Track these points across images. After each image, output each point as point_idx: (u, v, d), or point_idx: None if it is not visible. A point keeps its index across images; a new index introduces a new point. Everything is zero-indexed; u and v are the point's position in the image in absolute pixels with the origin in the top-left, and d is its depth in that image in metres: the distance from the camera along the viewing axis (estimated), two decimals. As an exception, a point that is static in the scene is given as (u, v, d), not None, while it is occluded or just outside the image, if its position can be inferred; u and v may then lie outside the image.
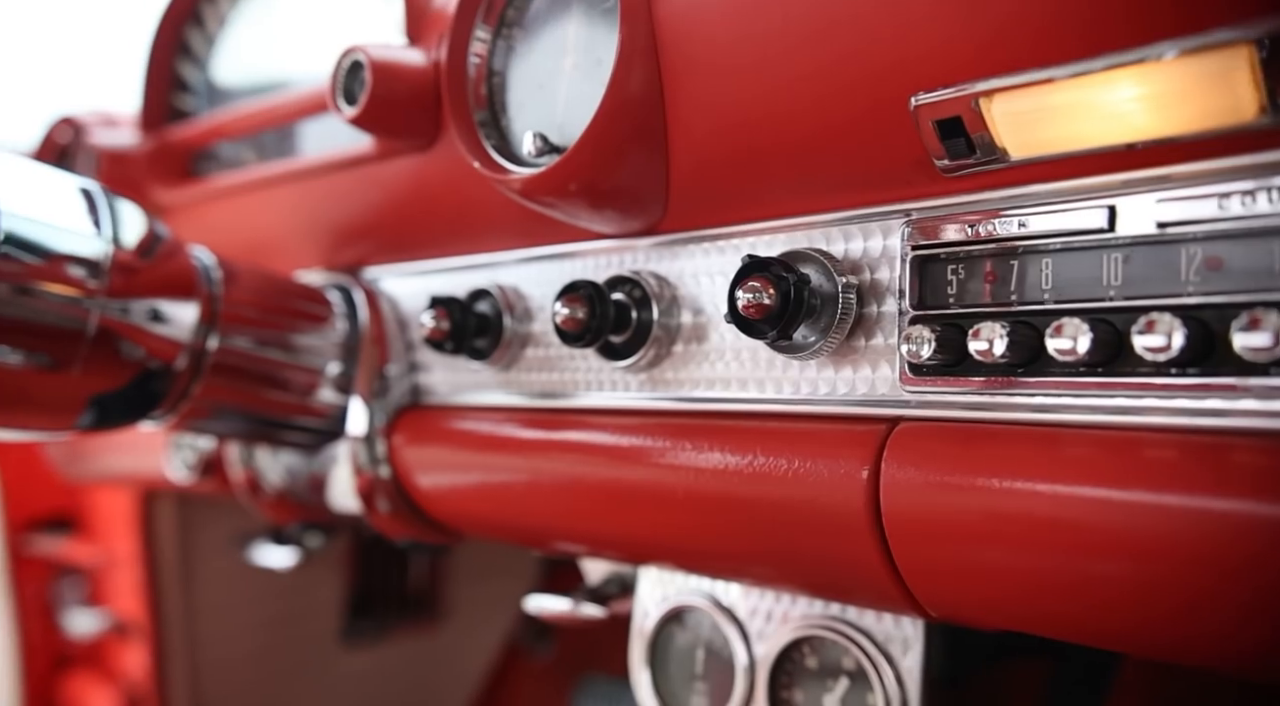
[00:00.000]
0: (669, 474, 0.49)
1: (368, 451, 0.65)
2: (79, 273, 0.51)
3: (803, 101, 0.41)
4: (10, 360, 0.50)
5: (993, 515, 0.37)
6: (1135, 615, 0.36)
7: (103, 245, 0.53)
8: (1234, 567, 0.32)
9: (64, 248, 0.51)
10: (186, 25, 0.75)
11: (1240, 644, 0.33)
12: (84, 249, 0.52)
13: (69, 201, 0.53)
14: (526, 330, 0.58)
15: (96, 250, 0.52)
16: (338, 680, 1.29)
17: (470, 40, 0.52)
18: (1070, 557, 0.36)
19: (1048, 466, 0.36)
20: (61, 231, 0.51)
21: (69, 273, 0.51)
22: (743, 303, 0.41)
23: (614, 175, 0.47)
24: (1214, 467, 0.32)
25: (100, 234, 0.53)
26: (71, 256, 0.51)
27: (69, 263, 0.51)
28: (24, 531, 1.23)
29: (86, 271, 0.52)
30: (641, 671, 0.59)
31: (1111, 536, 0.35)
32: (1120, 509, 0.35)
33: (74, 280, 0.51)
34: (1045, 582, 0.37)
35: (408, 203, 0.61)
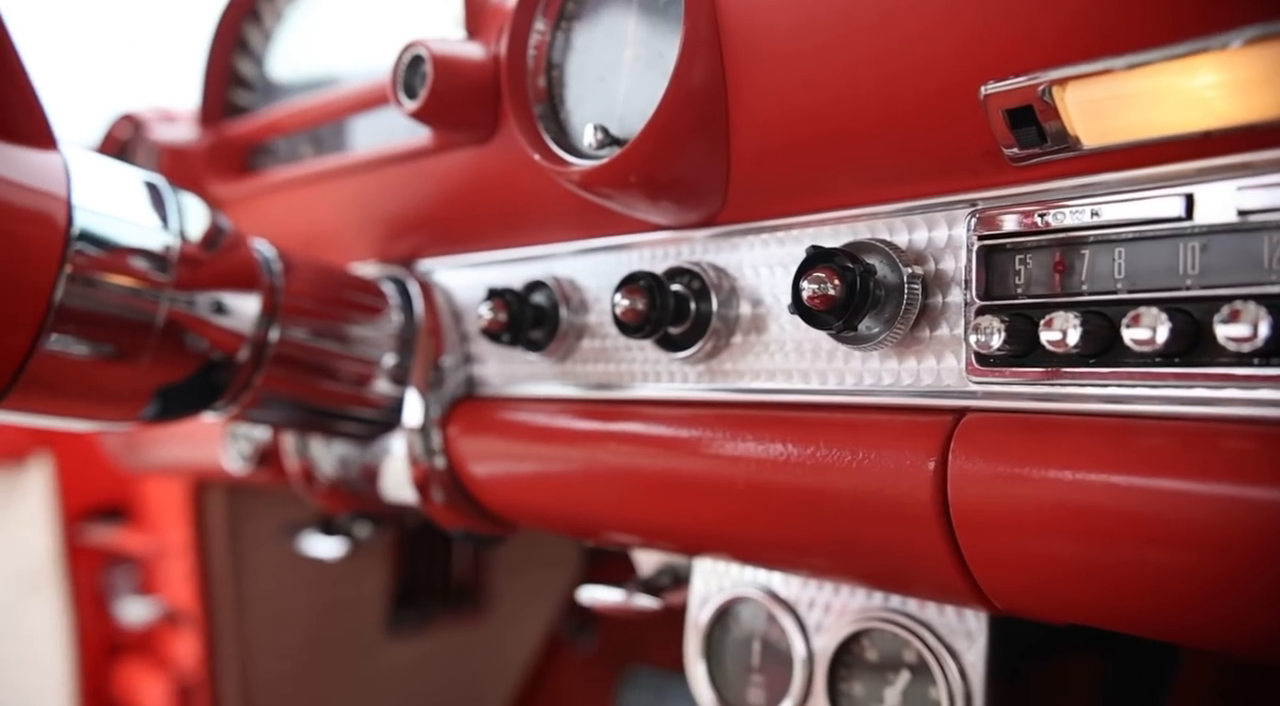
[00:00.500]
0: (729, 465, 0.49)
1: (423, 442, 0.65)
2: (150, 266, 0.52)
3: (868, 91, 0.41)
4: (83, 351, 0.51)
5: (1064, 507, 0.37)
6: (1212, 610, 0.35)
7: (170, 238, 0.54)
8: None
9: (135, 241, 0.52)
10: (245, 22, 0.76)
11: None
12: (153, 242, 0.53)
13: (137, 195, 0.54)
14: (582, 321, 0.59)
15: (165, 243, 0.54)
16: (383, 669, 1.31)
17: (530, 34, 0.53)
18: (1143, 551, 0.36)
19: (1121, 457, 0.36)
20: (132, 225, 0.52)
21: (141, 266, 0.52)
22: (807, 293, 0.41)
23: (674, 167, 0.48)
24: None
25: (168, 227, 0.54)
26: (142, 250, 0.52)
27: (140, 256, 0.52)
28: (78, 521, 1.26)
29: (156, 265, 0.53)
30: (697, 663, 0.60)
31: (1188, 529, 0.34)
32: (1197, 501, 0.34)
33: (145, 274, 0.52)
34: (1117, 576, 0.37)
35: (464, 195, 0.62)
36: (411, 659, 1.34)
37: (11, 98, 0.47)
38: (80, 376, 0.52)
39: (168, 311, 0.53)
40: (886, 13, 0.40)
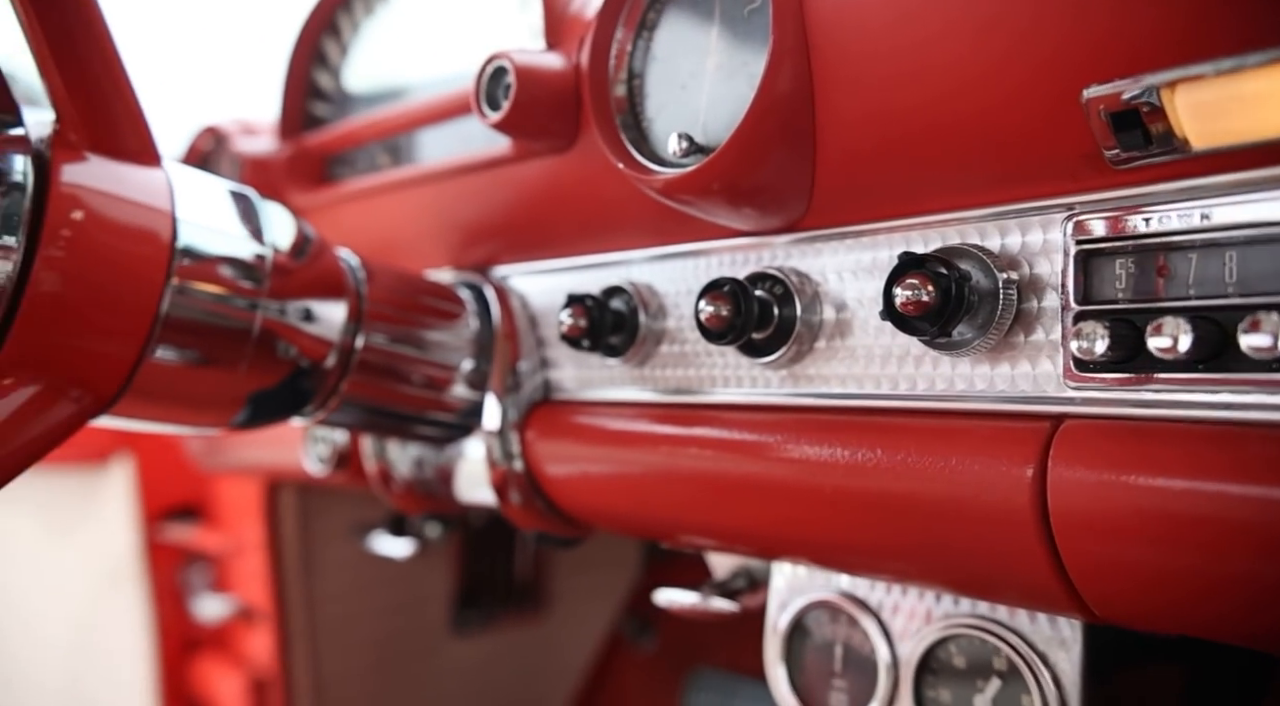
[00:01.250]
0: (814, 470, 0.49)
1: (501, 445, 0.66)
2: (246, 276, 0.54)
3: (961, 96, 0.41)
4: (185, 360, 0.53)
5: (1174, 516, 0.36)
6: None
7: (264, 249, 0.56)
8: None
9: (232, 252, 0.54)
10: (324, 36, 0.78)
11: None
12: (248, 253, 0.55)
13: (231, 207, 0.56)
14: (661, 327, 0.59)
15: (259, 254, 0.55)
16: (449, 667, 1.33)
17: (611, 44, 0.53)
18: (1256, 562, 0.35)
19: (1234, 466, 0.35)
20: (229, 237, 0.54)
21: (238, 277, 0.54)
22: (900, 300, 0.41)
23: (758, 174, 0.48)
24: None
25: (260, 238, 0.56)
26: (239, 261, 0.54)
27: (237, 267, 0.54)
28: (157, 520, 1.31)
29: (252, 275, 0.55)
30: (777, 667, 0.60)
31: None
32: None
33: (242, 284, 0.54)
34: (1227, 587, 0.36)
35: (542, 202, 0.63)
36: (476, 657, 1.36)
37: (120, 117, 0.49)
38: (181, 384, 0.54)
39: (262, 320, 0.55)
40: (983, 17, 0.40)
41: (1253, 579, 0.35)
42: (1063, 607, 0.42)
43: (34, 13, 0.45)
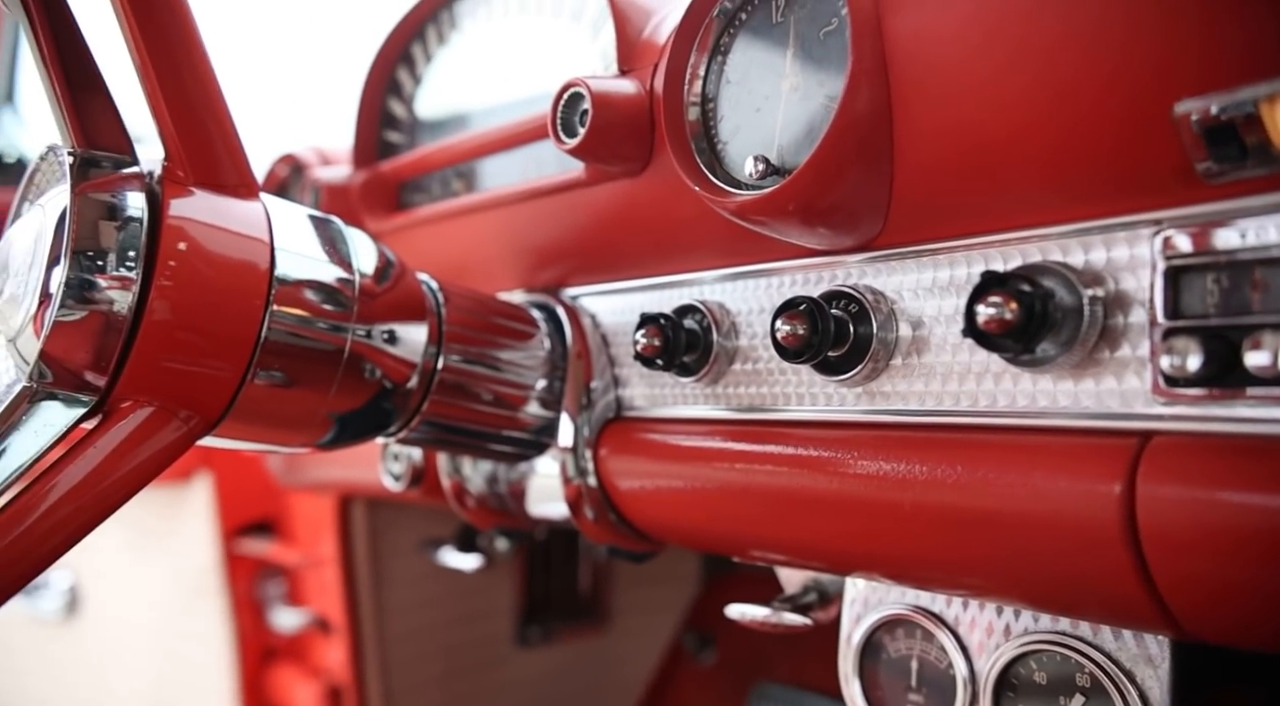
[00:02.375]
0: (892, 487, 0.50)
1: (575, 462, 0.68)
2: (336, 301, 0.57)
3: (1045, 114, 0.41)
4: (281, 382, 0.55)
5: (1266, 532, 0.36)
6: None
7: (351, 274, 0.58)
8: None
9: (323, 278, 0.56)
10: (398, 65, 0.81)
11: None
12: (338, 279, 0.57)
13: (320, 235, 0.58)
14: (734, 345, 0.60)
15: (347, 279, 0.58)
16: (514, 678, 1.35)
17: (685, 70, 0.55)
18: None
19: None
20: (320, 264, 0.57)
21: (329, 302, 0.56)
22: (983, 318, 0.42)
23: (835, 194, 0.49)
24: None
25: (348, 264, 0.58)
26: (330, 286, 0.57)
27: (329, 292, 0.56)
28: (234, 535, 1.35)
29: (342, 300, 0.57)
30: (853, 682, 0.60)
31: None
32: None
33: (333, 309, 0.56)
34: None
35: (614, 225, 0.64)
36: (540, 669, 1.38)
37: (222, 154, 0.52)
38: (277, 405, 0.56)
39: (351, 343, 0.57)
40: (1068, 34, 0.40)
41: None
42: (1151, 624, 0.42)
43: (150, 61, 0.48)
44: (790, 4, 0.51)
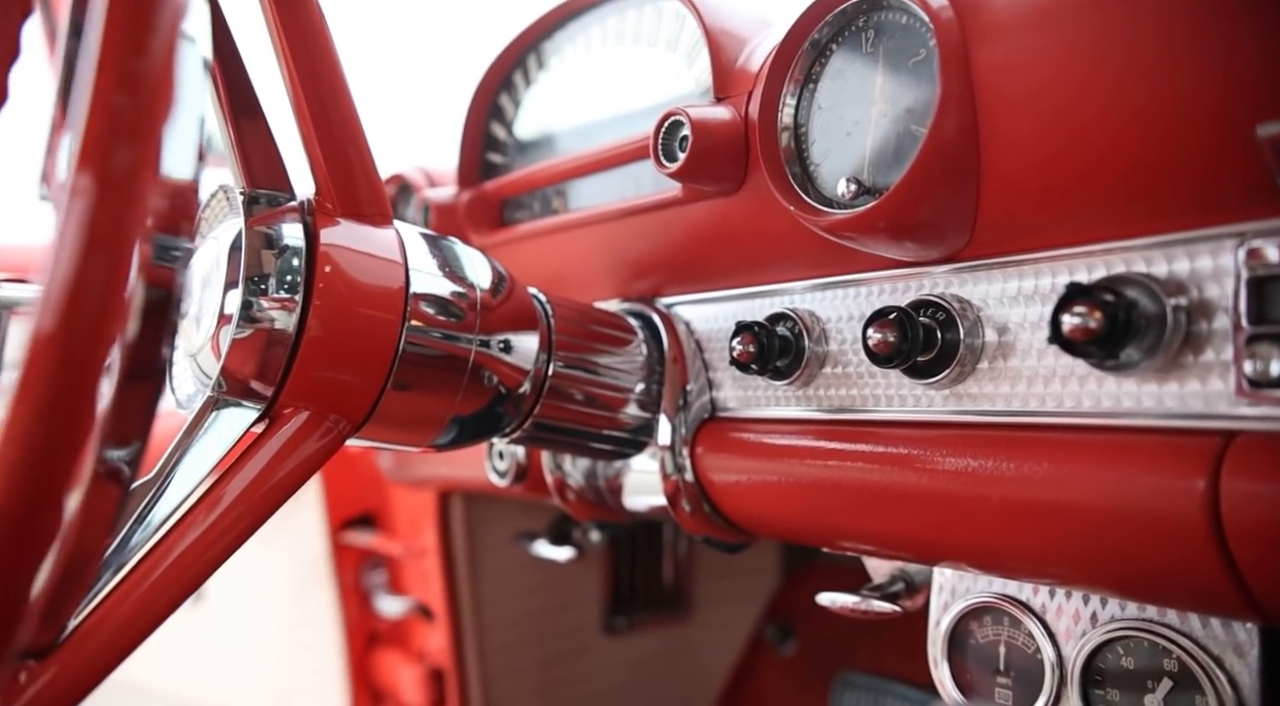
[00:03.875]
0: (978, 482, 0.53)
1: (673, 459, 0.73)
2: (461, 315, 0.62)
3: (1125, 135, 0.45)
4: (415, 390, 0.61)
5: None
6: None
7: (472, 290, 0.64)
8: None
9: (449, 294, 0.62)
10: (500, 92, 0.87)
11: None
12: (461, 295, 0.63)
13: (443, 254, 0.64)
14: (824, 350, 0.64)
15: (468, 295, 0.63)
16: (601, 666, 1.40)
17: (779, 98, 0.59)
18: None
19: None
20: (445, 281, 0.63)
21: (455, 316, 0.62)
22: (1068, 327, 0.45)
23: (924, 212, 0.52)
24: None
25: (468, 280, 0.64)
26: (455, 302, 0.62)
27: (454, 307, 0.62)
28: (340, 529, 1.44)
29: (465, 314, 0.63)
30: (942, 666, 0.63)
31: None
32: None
33: (458, 322, 0.62)
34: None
35: (709, 240, 0.69)
36: (626, 657, 1.43)
37: (364, 187, 0.58)
38: (410, 410, 0.62)
39: (474, 353, 0.63)
40: (1145, 60, 0.43)
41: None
42: (1238, 612, 0.45)
43: (307, 108, 0.54)
44: (880, 36, 0.55)
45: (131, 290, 0.31)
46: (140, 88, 0.31)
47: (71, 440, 0.30)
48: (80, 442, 0.30)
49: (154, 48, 0.31)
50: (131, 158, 0.30)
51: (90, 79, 0.31)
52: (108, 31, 0.31)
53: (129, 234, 0.30)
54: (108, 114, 0.30)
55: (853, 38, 0.56)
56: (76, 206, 0.30)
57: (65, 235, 0.30)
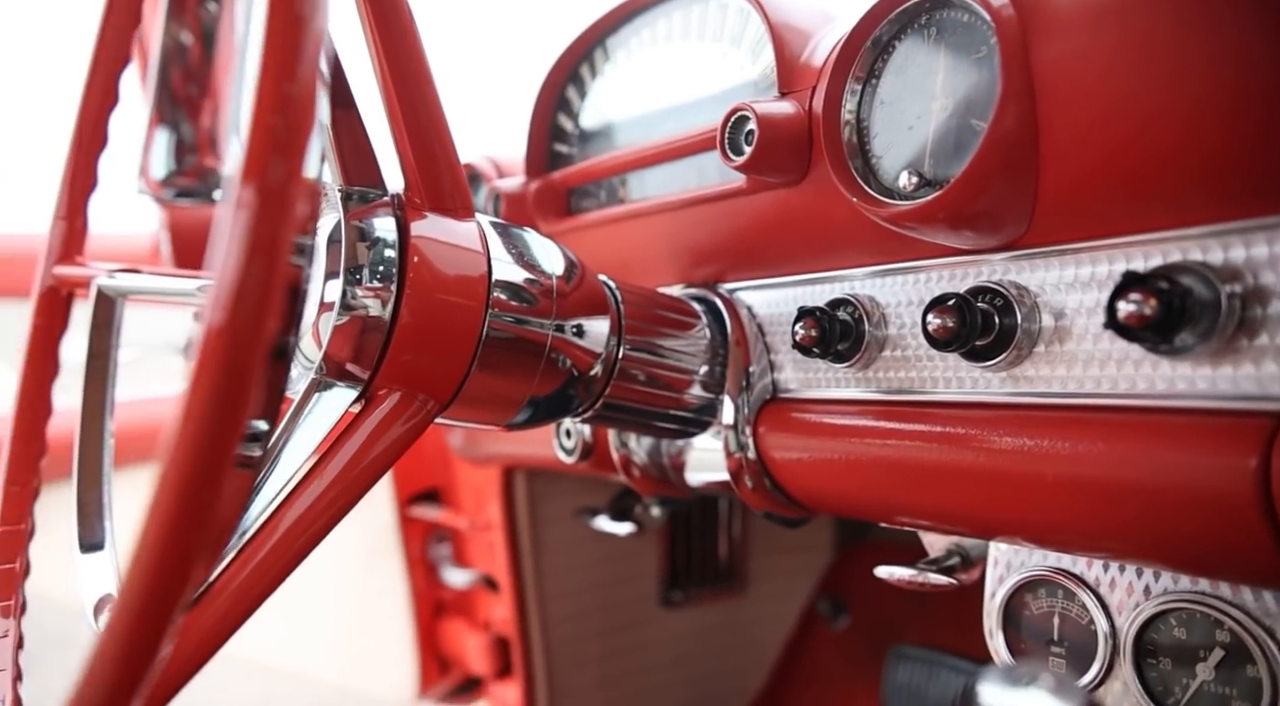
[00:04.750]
0: (1035, 460, 0.56)
1: (736, 438, 0.76)
2: (537, 302, 0.66)
3: (1183, 130, 0.47)
4: (496, 373, 0.65)
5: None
6: None
7: (547, 278, 0.68)
8: None
9: (526, 283, 0.66)
10: (566, 85, 0.90)
11: None
12: (538, 282, 0.67)
13: (519, 244, 0.68)
14: (884, 334, 0.67)
15: (544, 282, 0.67)
16: (658, 637, 1.45)
17: (842, 94, 0.61)
18: None
19: None
20: (523, 270, 0.66)
21: (533, 302, 0.66)
22: (1124, 313, 0.47)
23: (983, 203, 0.55)
24: None
25: (544, 269, 0.68)
26: (532, 290, 0.66)
27: (532, 295, 0.66)
28: (408, 503, 1.51)
29: (542, 300, 0.66)
30: (997, 636, 0.66)
31: None
32: None
33: (536, 309, 0.66)
34: None
35: (771, 228, 0.72)
36: (682, 630, 1.48)
37: (448, 182, 0.62)
38: (490, 392, 0.66)
39: (550, 338, 0.67)
40: (1202, 56, 0.45)
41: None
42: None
43: (400, 110, 0.58)
44: (941, 33, 0.57)
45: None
46: (291, 109, 0.35)
47: (236, 416, 0.34)
48: (243, 418, 0.35)
49: (302, 73, 0.35)
50: (285, 172, 0.34)
51: (250, 103, 0.35)
52: (265, 61, 0.35)
53: (284, 239, 0.34)
54: (266, 134, 0.34)
55: (915, 34, 0.59)
56: (240, 217, 0.34)
57: (231, 242, 0.34)
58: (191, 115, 1.20)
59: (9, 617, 0.70)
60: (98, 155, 0.81)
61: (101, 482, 0.74)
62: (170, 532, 0.34)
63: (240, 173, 0.34)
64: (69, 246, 0.80)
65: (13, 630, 0.69)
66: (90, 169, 0.80)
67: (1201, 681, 0.56)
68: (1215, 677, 0.55)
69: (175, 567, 0.34)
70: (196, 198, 1.21)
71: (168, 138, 1.17)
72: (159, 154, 1.17)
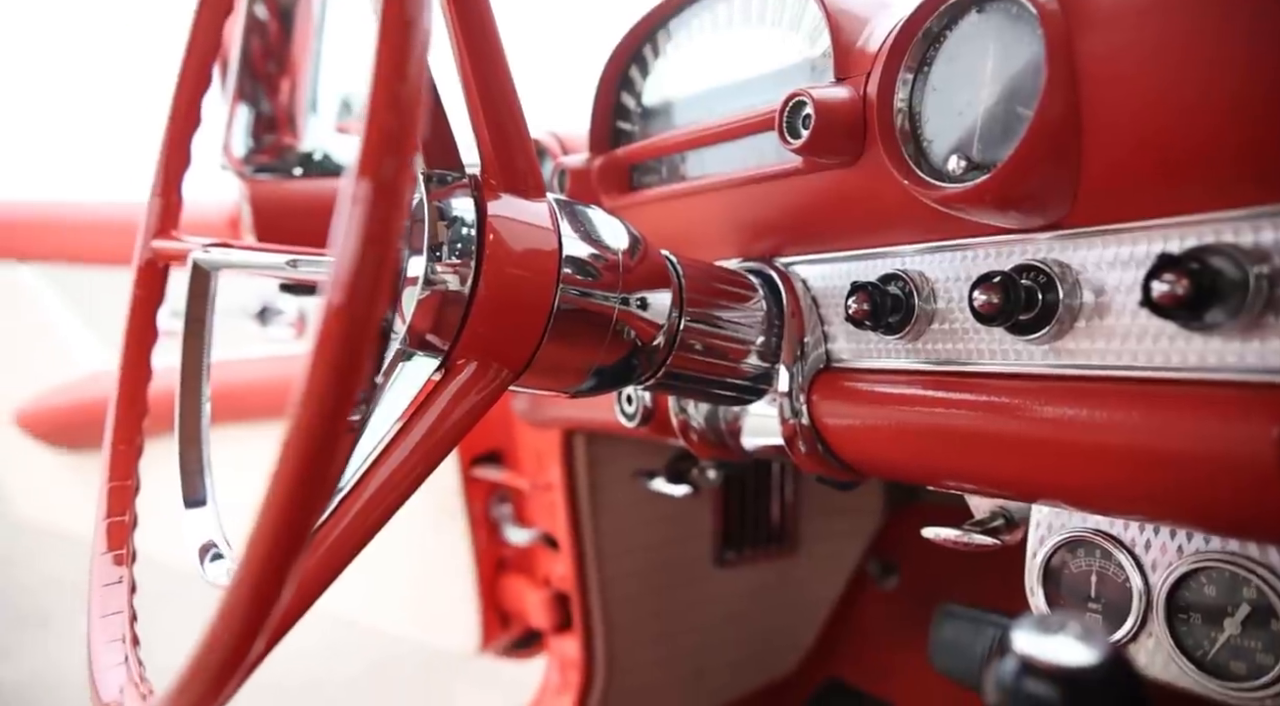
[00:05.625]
0: (1074, 428, 0.60)
1: (791, 405, 0.81)
2: (605, 276, 0.71)
3: (1218, 117, 0.49)
4: (566, 343, 0.70)
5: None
6: None
7: (613, 253, 0.72)
8: None
9: (595, 258, 0.71)
10: (630, 65, 0.95)
11: None
12: (604, 257, 0.71)
13: (587, 221, 0.72)
14: (932, 308, 0.71)
15: (610, 257, 0.72)
16: (712, 595, 1.52)
17: (896, 82, 0.65)
18: None
19: None
20: (589, 246, 0.71)
21: (600, 277, 0.70)
22: (1157, 293, 0.51)
23: (1027, 186, 0.58)
24: None
25: (609, 244, 0.72)
26: (599, 264, 0.71)
27: (599, 269, 0.70)
28: (470, 464, 1.58)
29: (608, 274, 0.71)
30: (1038, 592, 0.70)
31: None
32: None
33: (603, 283, 0.71)
34: None
35: (827, 206, 0.76)
36: (735, 588, 1.54)
37: (522, 164, 0.67)
38: (560, 361, 0.71)
39: (616, 311, 0.72)
40: (1237, 49, 0.48)
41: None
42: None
43: (479, 97, 0.63)
44: (990, 25, 0.60)
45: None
46: (402, 108, 0.40)
47: (352, 387, 0.40)
48: (357, 388, 0.40)
49: (411, 72, 0.40)
50: (396, 167, 0.39)
51: (365, 103, 0.40)
52: (379, 62, 0.40)
53: (395, 228, 0.40)
54: (380, 132, 0.39)
55: (965, 26, 0.62)
56: (357, 210, 0.39)
57: (349, 230, 0.39)
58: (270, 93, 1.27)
59: (122, 565, 0.78)
60: (191, 135, 0.87)
61: (200, 442, 0.82)
62: (294, 488, 0.39)
63: (357, 168, 0.39)
64: (165, 222, 0.87)
65: (126, 576, 0.77)
66: (184, 148, 0.87)
67: (1229, 635, 0.59)
68: (1241, 632, 0.58)
69: (298, 519, 0.40)
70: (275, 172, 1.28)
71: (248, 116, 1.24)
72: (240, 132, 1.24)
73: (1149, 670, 0.64)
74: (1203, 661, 0.61)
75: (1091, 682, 0.41)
